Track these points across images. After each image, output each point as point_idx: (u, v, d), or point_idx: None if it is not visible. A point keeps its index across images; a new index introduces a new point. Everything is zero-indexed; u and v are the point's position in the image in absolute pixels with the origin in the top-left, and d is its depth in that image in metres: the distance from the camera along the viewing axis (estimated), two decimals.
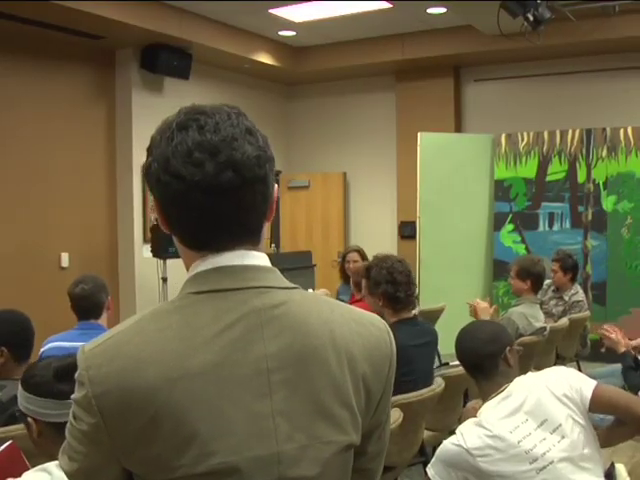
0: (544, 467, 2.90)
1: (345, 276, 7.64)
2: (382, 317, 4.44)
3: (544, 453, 2.91)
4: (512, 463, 2.91)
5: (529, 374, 3.23)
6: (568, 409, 2.99)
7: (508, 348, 3.24)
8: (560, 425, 2.95)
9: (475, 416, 3.19)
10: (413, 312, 4.53)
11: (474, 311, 5.75)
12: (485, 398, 3.18)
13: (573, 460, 2.92)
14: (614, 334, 4.96)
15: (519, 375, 3.20)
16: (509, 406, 3.04)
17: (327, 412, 1.39)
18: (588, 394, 3.01)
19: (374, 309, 4.47)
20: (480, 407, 3.18)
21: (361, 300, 6.36)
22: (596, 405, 3.01)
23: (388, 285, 4.32)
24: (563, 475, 2.89)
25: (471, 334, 3.32)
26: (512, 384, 3.12)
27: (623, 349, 4.85)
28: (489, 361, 3.20)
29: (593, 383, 3.06)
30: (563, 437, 2.93)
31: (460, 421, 3.66)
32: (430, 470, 3.05)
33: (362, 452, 1.52)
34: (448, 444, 3.03)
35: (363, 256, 7.53)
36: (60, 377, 2.37)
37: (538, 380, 3.11)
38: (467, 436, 2.99)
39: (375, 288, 4.39)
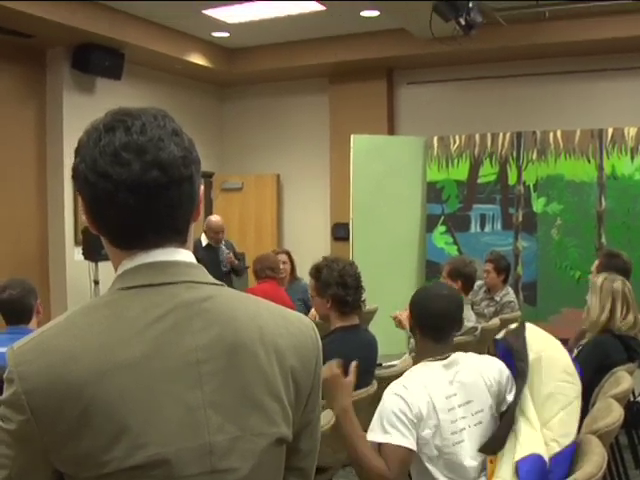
0: (458, 442, 3.05)
1: None
2: (327, 320, 4.36)
3: (462, 429, 3.06)
4: (440, 427, 3.03)
5: (470, 353, 3.34)
6: (491, 400, 3.15)
7: None
8: (482, 410, 3.11)
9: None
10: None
11: (399, 322, 5.77)
12: (424, 358, 3.27)
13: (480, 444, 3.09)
14: None
15: None
16: (448, 375, 3.15)
17: (258, 404, 1.41)
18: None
19: (320, 311, 4.44)
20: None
21: None
22: None
23: (339, 288, 4.26)
24: (465, 456, 3.05)
25: (443, 297, 3.40)
26: (453, 355, 3.23)
27: None
28: (453, 326, 3.36)
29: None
30: (480, 422, 3.10)
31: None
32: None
33: (295, 450, 1.54)
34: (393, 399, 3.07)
35: (291, 258, 7.67)
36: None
37: (476, 363, 3.25)
38: (412, 393, 3.06)
39: (325, 290, 4.32)
